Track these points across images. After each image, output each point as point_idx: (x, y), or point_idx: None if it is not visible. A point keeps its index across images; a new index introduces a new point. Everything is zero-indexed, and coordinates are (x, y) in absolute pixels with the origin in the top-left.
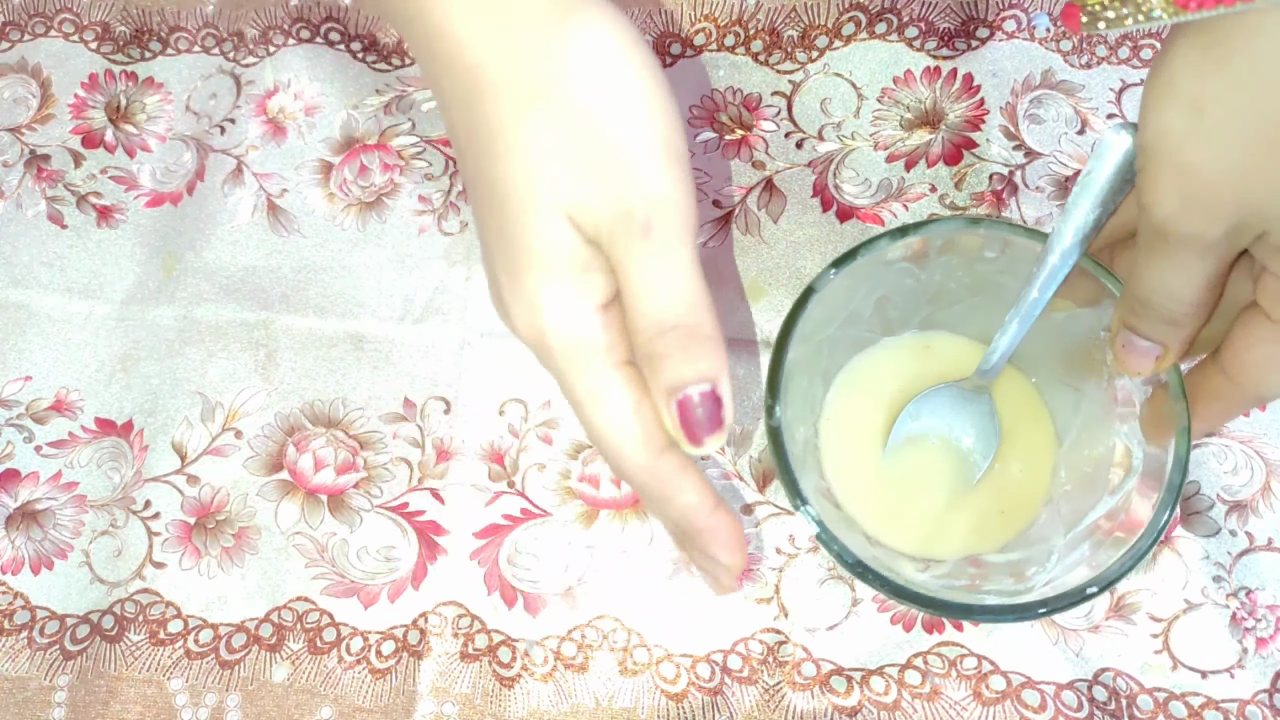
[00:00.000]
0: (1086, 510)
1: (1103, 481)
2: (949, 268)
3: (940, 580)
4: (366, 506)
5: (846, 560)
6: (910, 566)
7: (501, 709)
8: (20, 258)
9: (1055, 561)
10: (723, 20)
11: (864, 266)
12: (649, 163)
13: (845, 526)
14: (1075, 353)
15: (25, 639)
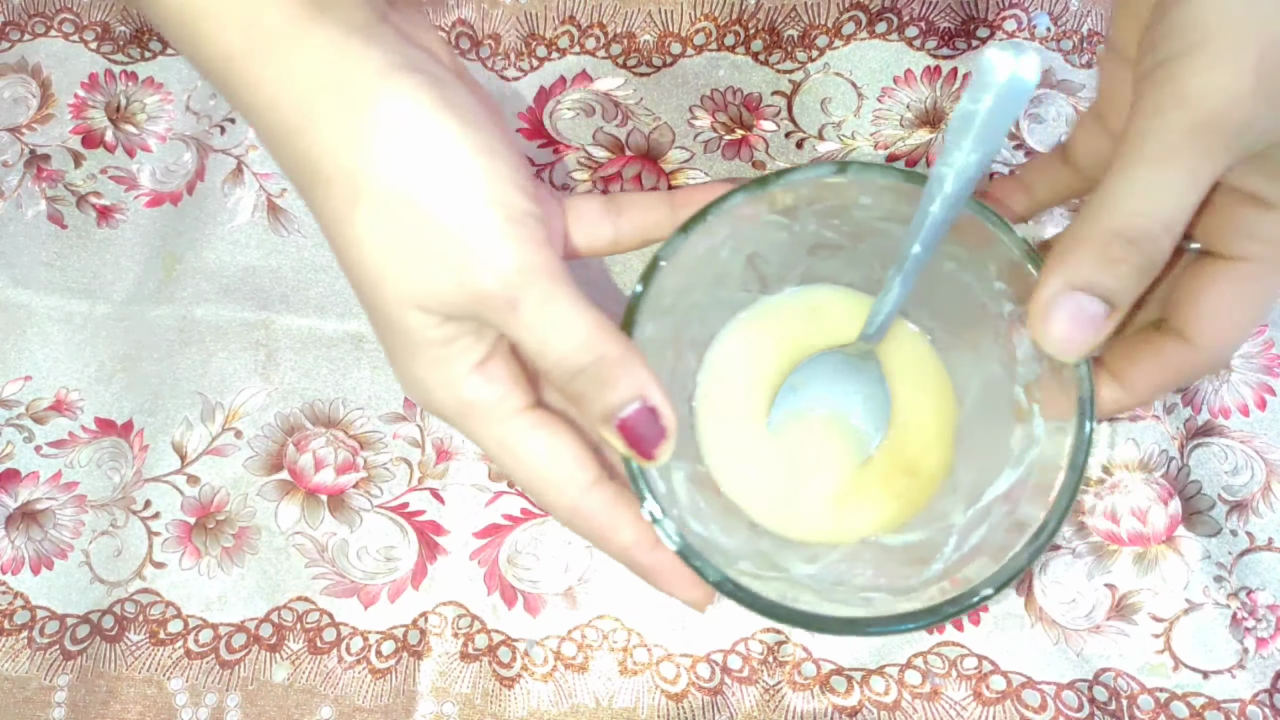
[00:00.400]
0: (987, 484)
1: (1003, 451)
2: (824, 217)
3: (831, 573)
4: (366, 506)
5: (709, 578)
6: (799, 558)
7: (501, 709)
8: (20, 258)
9: (954, 546)
10: (723, 20)
11: (720, 225)
12: (486, 238)
13: (727, 515)
14: (969, 307)
15: (25, 639)
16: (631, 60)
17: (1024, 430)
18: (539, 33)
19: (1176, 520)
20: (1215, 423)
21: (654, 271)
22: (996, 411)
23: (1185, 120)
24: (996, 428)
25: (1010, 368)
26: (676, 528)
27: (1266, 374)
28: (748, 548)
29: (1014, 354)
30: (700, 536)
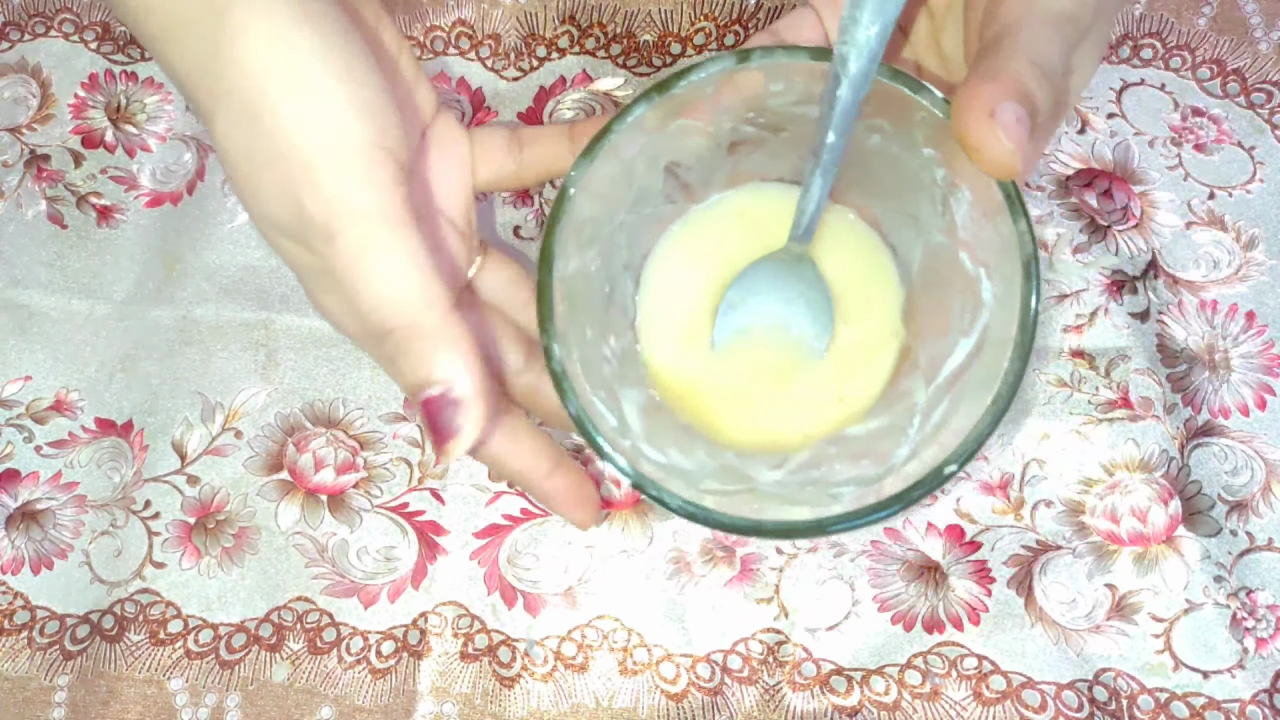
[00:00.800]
0: (944, 357)
1: (957, 320)
2: (736, 113)
3: (799, 476)
4: (366, 506)
5: (670, 505)
6: (764, 465)
7: (501, 709)
8: (20, 258)
9: (918, 426)
10: (722, 20)
11: (627, 141)
12: (317, 161)
13: (684, 438)
14: (903, 178)
15: (25, 639)
16: (631, 60)
17: (973, 297)
18: (539, 33)
19: (1177, 520)
20: (1215, 423)
21: (563, 202)
22: (946, 282)
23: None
24: (947, 298)
25: (952, 234)
26: (628, 460)
27: (1266, 374)
28: (710, 465)
29: (954, 220)
30: (658, 463)
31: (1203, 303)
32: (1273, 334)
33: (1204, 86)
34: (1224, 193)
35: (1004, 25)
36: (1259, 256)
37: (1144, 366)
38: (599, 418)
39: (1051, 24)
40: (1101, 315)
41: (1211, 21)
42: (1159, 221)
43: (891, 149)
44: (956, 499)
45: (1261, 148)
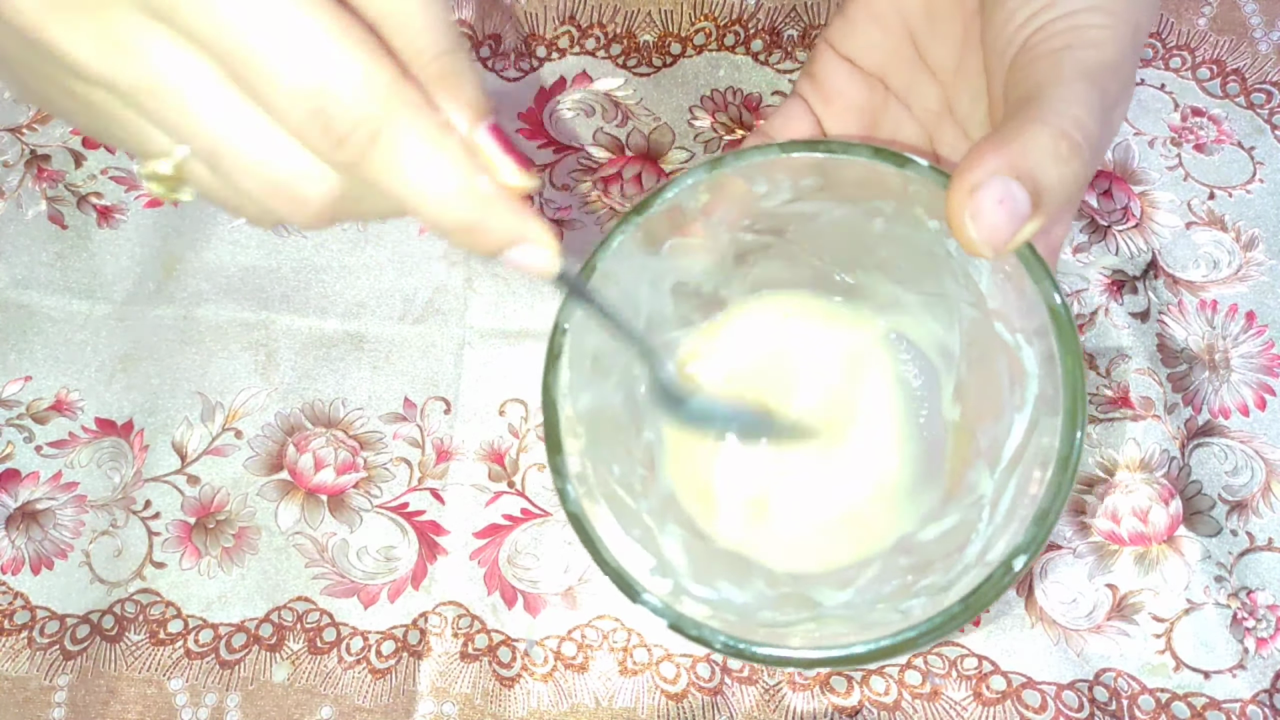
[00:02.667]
0: (1004, 438)
1: (1007, 397)
2: (732, 223)
3: (868, 594)
4: (366, 506)
5: (714, 645)
6: (829, 585)
7: (501, 709)
8: (20, 258)
9: (988, 520)
10: (723, 20)
11: (619, 270)
12: None
13: (738, 570)
14: (918, 258)
15: (25, 639)
16: (631, 60)
17: (1018, 368)
18: (539, 33)
19: (1177, 520)
20: (1215, 423)
21: (556, 338)
22: (989, 357)
23: (1090, 59)
24: (995, 375)
25: (982, 305)
26: (662, 601)
27: (1266, 374)
28: (769, 595)
29: (979, 290)
30: (708, 600)
31: (1203, 303)
32: (1273, 334)
33: (1204, 87)
34: (1224, 193)
35: (1034, 83)
36: (1259, 256)
37: (1144, 366)
38: (631, 558)
39: (1089, 80)
40: (1102, 315)
41: (1211, 22)
42: (1159, 221)
43: (898, 230)
44: None
45: (1261, 148)
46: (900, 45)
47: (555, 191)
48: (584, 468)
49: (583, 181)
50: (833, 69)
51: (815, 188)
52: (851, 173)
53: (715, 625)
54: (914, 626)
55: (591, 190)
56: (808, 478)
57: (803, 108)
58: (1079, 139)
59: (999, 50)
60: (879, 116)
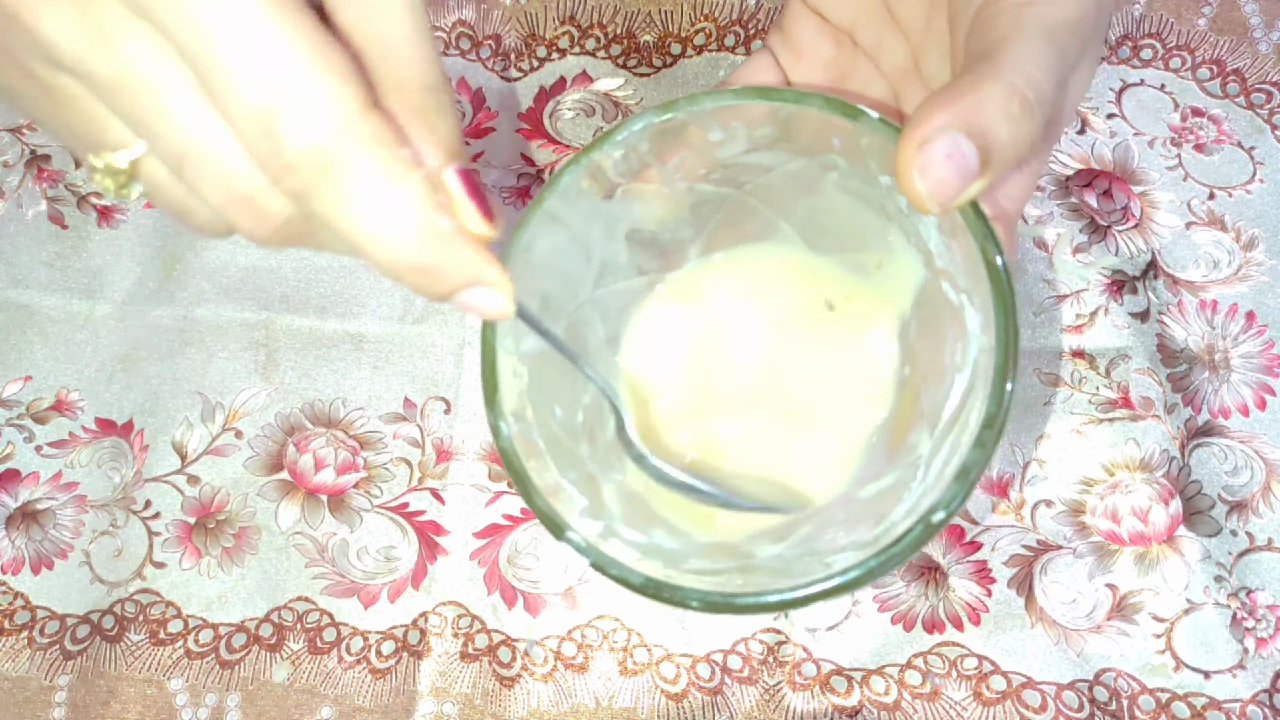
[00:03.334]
0: (943, 400)
1: (950, 358)
2: (688, 171)
3: (798, 548)
4: (366, 506)
5: (633, 584)
6: (766, 540)
7: (501, 709)
8: (20, 258)
9: (920, 478)
10: (723, 20)
11: (566, 211)
12: None
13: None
14: (871, 214)
15: (25, 639)
16: (632, 61)
17: (960, 329)
18: (539, 33)
19: (1177, 520)
20: (1215, 423)
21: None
22: (936, 318)
23: (1050, 16)
24: (940, 336)
25: (930, 264)
26: (584, 539)
27: (1266, 374)
28: (699, 543)
29: (928, 249)
30: (636, 543)
31: (1203, 303)
32: (1273, 334)
33: (1204, 87)
34: (1224, 193)
35: (992, 40)
36: (1259, 256)
37: (1144, 366)
38: (562, 499)
39: (1047, 37)
40: (1102, 315)
41: (1211, 22)
42: (1159, 221)
43: (852, 183)
44: None
45: (1261, 148)
46: (870, 1)
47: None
48: (521, 407)
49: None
50: (803, 23)
51: (771, 138)
52: (806, 123)
53: (638, 567)
54: (830, 577)
55: None
56: (756, 434)
57: (770, 61)
58: (1031, 98)
59: (962, 5)
60: (847, 72)
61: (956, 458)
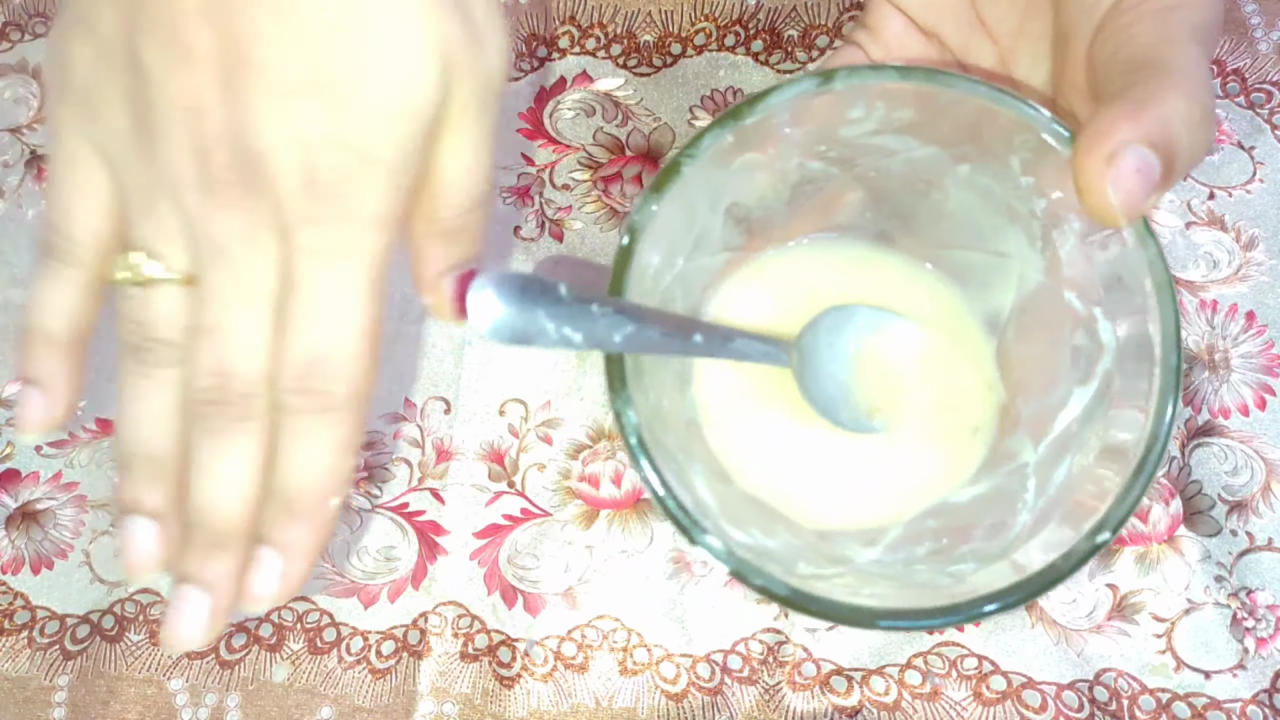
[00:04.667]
0: (1055, 410)
1: (1066, 369)
2: (805, 146)
3: (898, 554)
4: (366, 506)
5: (777, 594)
6: (855, 544)
7: (501, 709)
8: (20, 258)
9: (1035, 490)
10: (723, 20)
11: (695, 179)
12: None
13: (762, 516)
14: (991, 214)
15: (25, 639)
16: (632, 60)
17: (1087, 340)
18: (539, 33)
19: (1178, 520)
20: (1215, 423)
21: (633, 244)
22: (1047, 326)
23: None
24: (1052, 345)
25: (1055, 272)
26: (724, 544)
27: (1266, 374)
28: (796, 545)
29: (1056, 255)
30: (746, 545)
31: (1203, 303)
32: (1273, 334)
33: None
34: (1224, 193)
35: (1144, 45)
36: (1259, 256)
37: None
38: (678, 491)
39: (1198, 42)
40: None
41: None
42: (1159, 221)
43: (982, 180)
44: None
45: (1261, 148)
46: (957, 2)
47: (555, 191)
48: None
49: (583, 181)
50: (889, 21)
51: (906, 122)
52: (956, 110)
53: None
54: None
55: (591, 190)
56: (826, 431)
57: (860, 55)
58: (1210, 105)
59: (1079, 13)
60: None
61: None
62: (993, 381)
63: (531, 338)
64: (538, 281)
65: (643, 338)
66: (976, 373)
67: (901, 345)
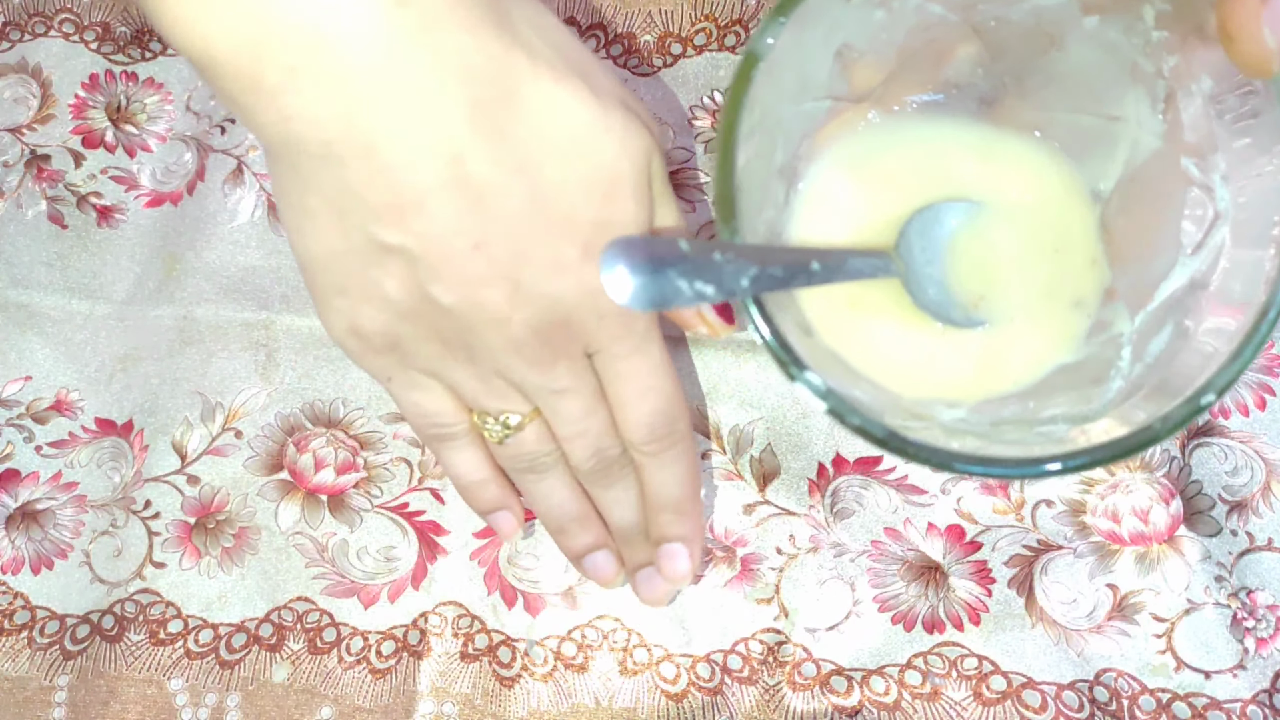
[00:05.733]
0: (1157, 280)
1: (1172, 238)
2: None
3: (980, 414)
4: (366, 506)
5: (875, 435)
6: (938, 404)
7: (501, 709)
8: (20, 258)
9: (1130, 358)
10: (723, 20)
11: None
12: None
13: (844, 372)
14: (1112, 72)
15: (25, 639)
16: (632, 60)
17: (1202, 208)
18: None
19: (1178, 520)
20: (1215, 423)
21: (753, 66)
22: (1156, 197)
23: None
24: (1158, 214)
25: (1175, 137)
26: (823, 381)
27: (1266, 374)
28: (881, 399)
29: (1179, 118)
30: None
31: None
32: (1273, 334)
33: None
34: None
35: None
36: None
37: None
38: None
39: None
40: None
41: None
42: None
43: (1110, 33)
44: (957, 499)
45: None
46: None
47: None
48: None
49: None
50: None
51: None
52: None
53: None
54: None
55: None
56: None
57: None
58: None
59: None
60: None
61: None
62: (1096, 256)
63: (669, 300)
64: (661, 243)
65: (767, 277)
66: (1080, 249)
67: (999, 233)
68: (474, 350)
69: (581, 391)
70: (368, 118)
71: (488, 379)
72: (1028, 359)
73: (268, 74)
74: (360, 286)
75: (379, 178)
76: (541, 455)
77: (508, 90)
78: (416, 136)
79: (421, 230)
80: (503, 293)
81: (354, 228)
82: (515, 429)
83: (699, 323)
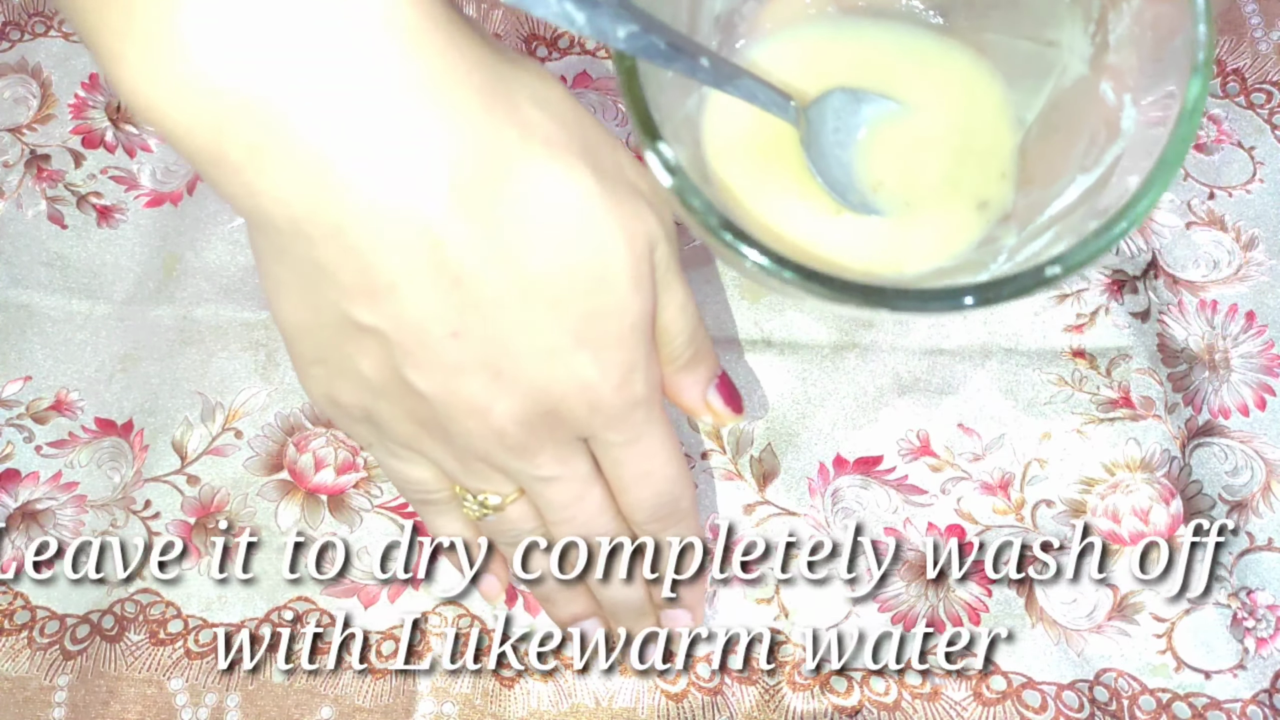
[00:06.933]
0: (1048, 201)
1: (1075, 162)
2: None
3: None
4: (366, 506)
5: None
6: None
7: (501, 709)
8: (20, 258)
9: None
10: None
11: None
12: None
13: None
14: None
15: (25, 639)
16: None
17: (1106, 130)
18: (539, 33)
19: (1178, 520)
20: (1215, 423)
21: None
22: (1071, 124)
23: None
24: (1072, 142)
25: (1099, 61)
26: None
27: (1266, 374)
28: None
29: (1105, 41)
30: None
31: (1203, 303)
32: (1273, 334)
33: None
34: (1224, 193)
35: None
36: (1259, 256)
37: (1145, 366)
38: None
39: None
40: (1102, 315)
41: None
42: (1159, 221)
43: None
44: (957, 499)
45: (1261, 148)
46: None
47: None
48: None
49: None
50: None
51: None
52: None
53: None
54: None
55: None
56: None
57: None
58: None
59: None
60: None
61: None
62: (1007, 171)
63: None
64: None
65: (646, 42)
66: (994, 161)
67: (917, 134)
68: (452, 435)
69: (569, 479)
70: (335, 197)
71: (467, 462)
72: (919, 253)
73: (230, 152)
74: (336, 360)
75: (349, 258)
76: (525, 532)
77: (495, 171)
78: (389, 219)
79: (394, 314)
80: (482, 382)
81: (327, 304)
82: (495, 509)
83: (705, 411)
